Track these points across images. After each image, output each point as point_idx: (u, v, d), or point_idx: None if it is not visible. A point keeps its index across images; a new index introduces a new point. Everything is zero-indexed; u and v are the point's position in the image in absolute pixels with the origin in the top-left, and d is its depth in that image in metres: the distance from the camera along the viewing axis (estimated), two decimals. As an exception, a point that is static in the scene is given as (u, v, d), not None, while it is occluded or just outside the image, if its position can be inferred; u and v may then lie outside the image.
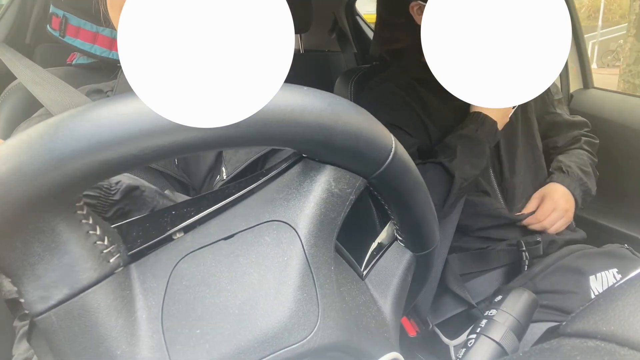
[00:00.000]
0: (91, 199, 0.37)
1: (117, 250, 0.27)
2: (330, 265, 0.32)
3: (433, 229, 0.40)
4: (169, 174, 0.59)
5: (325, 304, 0.29)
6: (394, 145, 0.32)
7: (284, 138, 0.27)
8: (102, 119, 0.23)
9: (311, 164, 0.32)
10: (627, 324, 0.26)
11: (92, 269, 0.26)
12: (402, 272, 0.41)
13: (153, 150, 0.24)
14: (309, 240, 0.30)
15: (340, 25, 2.06)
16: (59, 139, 0.22)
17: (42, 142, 0.22)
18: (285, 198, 0.31)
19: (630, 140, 1.30)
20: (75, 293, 0.25)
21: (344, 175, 0.32)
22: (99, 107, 0.23)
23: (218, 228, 0.30)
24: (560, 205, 1.00)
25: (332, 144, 0.29)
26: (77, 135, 0.22)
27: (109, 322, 0.26)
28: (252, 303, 0.28)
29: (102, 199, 0.38)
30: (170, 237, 0.30)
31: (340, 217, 0.32)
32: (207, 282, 0.28)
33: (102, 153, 0.23)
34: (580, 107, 1.48)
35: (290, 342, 0.27)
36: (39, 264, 0.25)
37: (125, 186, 0.40)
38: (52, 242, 0.25)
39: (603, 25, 15.59)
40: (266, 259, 0.29)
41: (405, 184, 0.34)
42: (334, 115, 0.28)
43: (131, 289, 0.27)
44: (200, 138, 0.24)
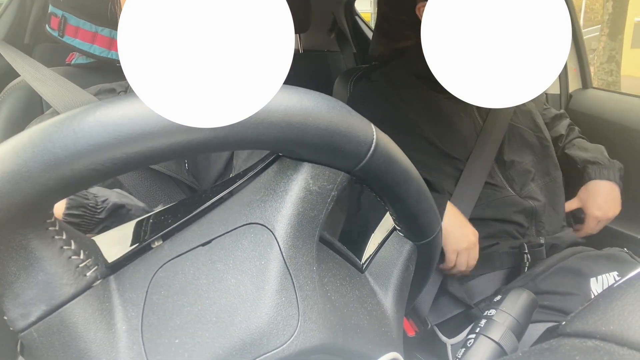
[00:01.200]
0: (75, 218, 0.38)
1: (94, 263, 0.27)
2: (311, 265, 0.31)
3: (430, 217, 0.39)
4: (178, 179, 0.59)
5: (306, 307, 0.29)
6: (375, 136, 0.31)
7: (251, 140, 0.26)
8: (67, 131, 0.22)
9: (288, 163, 0.31)
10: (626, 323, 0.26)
11: (68, 285, 0.26)
12: (402, 262, 0.40)
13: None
14: (286, 241, 0.30)
15: (340, 25, 2.06)
16: (24, 156, 0.22)
17: (7, 161, 0.22)
18: (262, 199, 0.30)
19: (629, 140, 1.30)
20: (53, 309, 0.25)
21: (323, 171, 0.31)
22: (66, 119, 0.23)
23: (196, 234, 0.30)
24: (608, 213, 1.04)
25: (305, 141, 0.28)
26: (40, 151, 0.22)
27: (88, 336, 0.26)
28: (230, 310, 0.28)
29: (87, 217, 0.39)
30: (149, 245, 0.30)
31: (321, 215, 0.32)
32: (185, 290, 0.28)
33: (66, 167, 0.22)
34: (579, 107, 1.48)
35: (269, 347, 0.27)
36: (16, 283, 0.25)
37: (112, 204, 0.40)
38: (25, 260, 0.25)
39: (585, 24, 15.66)
40: (243, 263, 0.29)
41: (393, 175, 0.33)
42: (303, 111, 0.27)
43: (110, 301, 0.27)
44: (157, 146, 0.24)
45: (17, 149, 0.22)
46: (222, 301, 0.28)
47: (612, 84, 5.72)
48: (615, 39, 5.94)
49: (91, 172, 0.23)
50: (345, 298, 0.34)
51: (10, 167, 0.22)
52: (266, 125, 0.26)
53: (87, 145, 0.22)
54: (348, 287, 0.35)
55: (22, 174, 0.22)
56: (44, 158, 0.22)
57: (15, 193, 0.22)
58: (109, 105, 0.23)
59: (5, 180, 0.22)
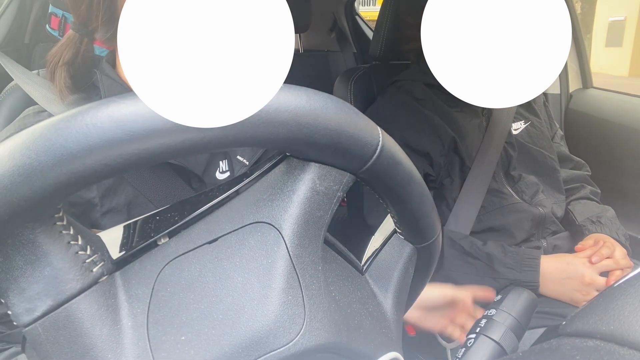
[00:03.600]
0: None
1: (101, 259, 0.27)
2: (317, 265, 0.31)
3: (432, 221, 0.40)
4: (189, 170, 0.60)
5: (312, 306, 0.29)
6: (381, 138, 0.31)
7: (260, 139, 0.26)
8: (79, 125, 0.22)
9: (295, 163, 0.31)
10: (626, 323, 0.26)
11: (74, 280, 0.26)
12: (402, 265, 0.40)
13: (115, 162, 0.23)
14: (293, 240, 0.30)
15: (340, 25, 2.06)
16: (35, 150, 0.22)
17: (17, 155, 0.22)
18: (269, 199, 0.30)
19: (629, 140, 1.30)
20: (59, 304, 0.25)
21: (330, 172, 0.31)
22: (78, 114, 0.23)
23: (202, 232, 0.30)
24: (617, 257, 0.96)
25: (314, 141, 0.28)
26: (52, 145, 0.22)
27: (94, 332, 0.26)
28: (237, 308, 0.28)
29: None
30: (155, 242, 0.30)
31: (327, 215, 0.32)
32: (191, 287, 0.28)
33: (78, 161, 0.22)
34: (579, 107, 1.48)
35: (275, 345, 0.27)
36: (22, 277, 0.25)
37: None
38: (32, 255, 0.25)
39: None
40: (250, 262, 0.29)
41: (397, 178, 0.34)
42: (312, 111, 0.27)
43: (116, 297, 0.27)
44: (168, 144, 0.24)
45: (29, 142, 0.22)
46: (229, 299, 0.28)
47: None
48: (584, 38, 6.06)
49: (103, 167, 0.23)
50: (348, 298, 0.34)
51: (21, 160, 0.22)
52: (276, 125, 0.26)
53: (99, 140, 0.22)
54: (350, 288, 0.35)
55: (33, 167, 0.22)
56: (55, 152, 0.22)
57: (25, 187, 0.22)
58: (120, 101, 0.23)
59: (16, 173, 0.22)
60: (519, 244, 1.00)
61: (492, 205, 1.00)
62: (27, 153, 0.22)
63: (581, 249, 0.96)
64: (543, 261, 0.91)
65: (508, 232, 0.99)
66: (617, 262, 0.92)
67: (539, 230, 1.02)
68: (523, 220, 1.00)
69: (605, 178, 1.16)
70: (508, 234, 1.00)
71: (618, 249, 0.95)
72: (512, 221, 0.99)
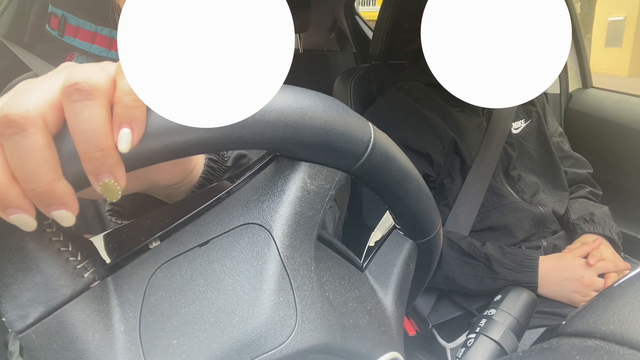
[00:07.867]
0: (213, 163, 0.37)
1: (92, 265, 0.27)
2: (309, 265, 0.31)
3: (430, 216, 0.39)
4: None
5: (304, 307, 0.29)
6: (372, 135, 0.31)
7: (247, 140, 0.26)
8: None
9: (285, 162, 0.31)
10: (626, 323, 0.26)
11: (65, 286, 0.26)
12: (402, 261, 0.40)
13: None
14: (284, 241, 0.30)
15: (340, 24, 2.06)
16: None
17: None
18: (259, 199, 0.30)
19: (628, 140, 1.30)
20: (50, 311, 0.25)
21: (321, 171, 0.31)
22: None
23: (193, 235, 0.30)
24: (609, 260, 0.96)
25: (301, 141, 0.28)
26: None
27: (87, 337, 0.26)
28: (228, 310, 0.28)
29: (219, 163, 0.38)
30: (147, 246, 0.30)
31: (319, 215, 0.32)
32: (183, 291, 0.28)
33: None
34: (579, 107, 1.48)
35: (267, 348, 0.27)
36: (14, 284, 0.25)
37: (236, 154, 0.40)
38: (22, 262, 0.25)
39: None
40: (241, 264, 0.29)
41: (392, 174, 0.33)
42: (299, 110, 0.27)
43: (108, 302, 0.27)
44: (156, 146, 0.24)
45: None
46: (220, 302, 0.28)
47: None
48: (584, 38, 6.05)
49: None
50: (344, 297, 0.34)
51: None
52: (262, 125, 0.26)
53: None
54: (347, 287, 0.35)
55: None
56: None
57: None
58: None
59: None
60: (519, 243, 1.00)
61: (492, 204, 1.00)
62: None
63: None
64: (542, 262, 0.92)
65: (508, 231, 0.99)
66: (616, 265, 0.92)
67: (539, 229, 1.02)
68: (523, 219, 1.00)
69: (605, 178, 1.16)
70: (508, 233, 1.00)
71: (605, 250, 0.95)
72: (512, 220, 0.99)
